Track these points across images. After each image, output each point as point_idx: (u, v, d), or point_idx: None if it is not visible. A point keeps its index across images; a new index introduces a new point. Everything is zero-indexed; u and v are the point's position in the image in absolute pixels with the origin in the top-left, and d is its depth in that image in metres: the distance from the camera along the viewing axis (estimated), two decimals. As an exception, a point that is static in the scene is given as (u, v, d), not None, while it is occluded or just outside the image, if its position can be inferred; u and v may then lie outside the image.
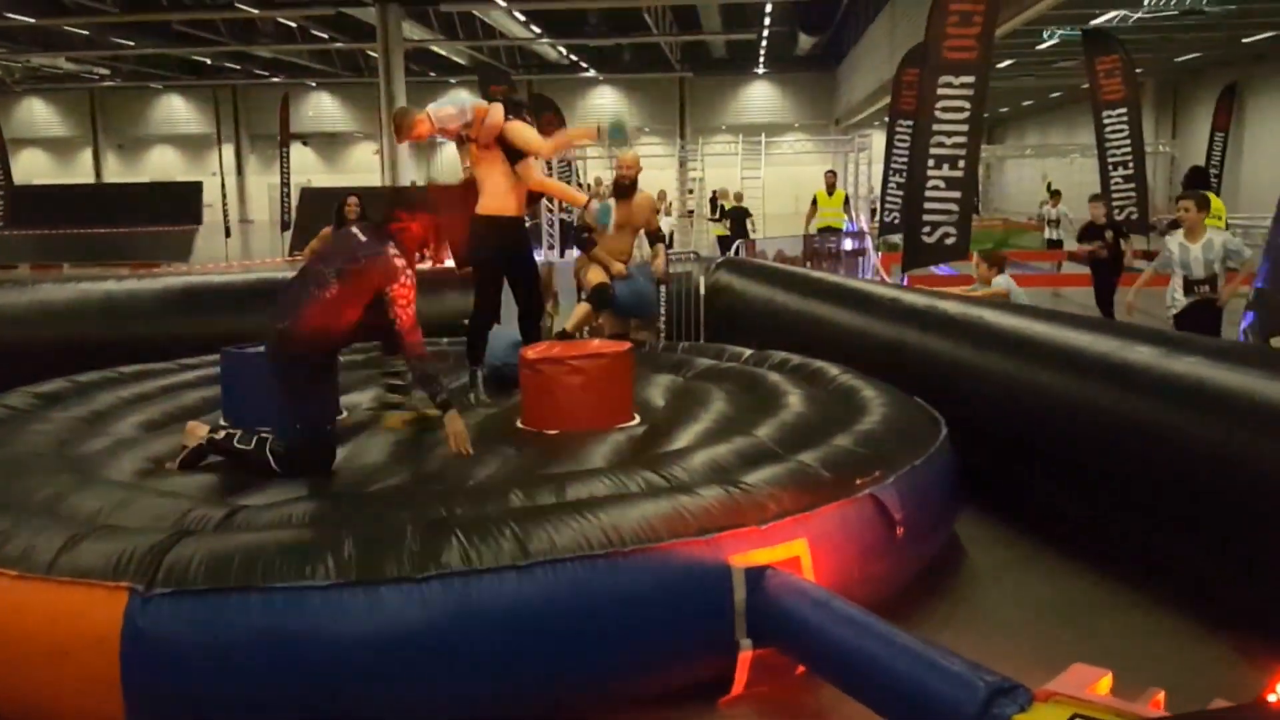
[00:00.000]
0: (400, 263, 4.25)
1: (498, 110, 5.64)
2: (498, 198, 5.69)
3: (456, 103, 5.76)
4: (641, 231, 6.97)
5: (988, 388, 5.13)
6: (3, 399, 5.25)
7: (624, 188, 6.77)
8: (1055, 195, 18.68)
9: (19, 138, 42.40)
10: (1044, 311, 5.70)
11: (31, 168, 43.94)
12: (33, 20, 25.74)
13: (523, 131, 5.65)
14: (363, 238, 4.35)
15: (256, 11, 25.71)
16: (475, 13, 27.79)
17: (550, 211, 16.16)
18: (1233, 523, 3.73)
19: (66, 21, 27.20)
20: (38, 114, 46.72)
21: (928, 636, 3.06)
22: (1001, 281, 7.07)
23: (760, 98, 44.27)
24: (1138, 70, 16.36)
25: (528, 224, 6.25)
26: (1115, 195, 15.19)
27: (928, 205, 9.31)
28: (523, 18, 28.55)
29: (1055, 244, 17.22)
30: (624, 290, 6.75)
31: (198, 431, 4.38)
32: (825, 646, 3.10)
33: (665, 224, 22.92)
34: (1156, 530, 4.19)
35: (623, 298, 6.77)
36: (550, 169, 18.16)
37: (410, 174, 33.72)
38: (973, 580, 4.45)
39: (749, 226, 17.48)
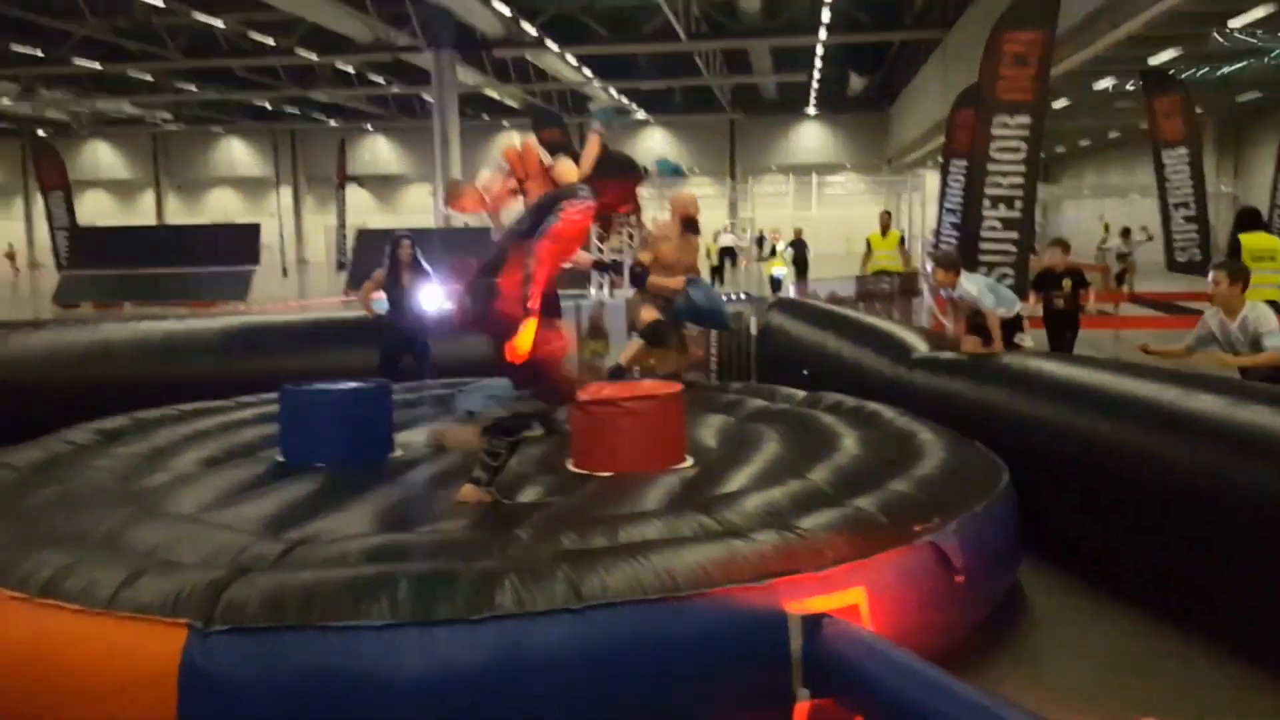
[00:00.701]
0: (585, 195, 4.33)
1: (528, 140, 5.70)
2: None
3: (491, 167, 5.86)
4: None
5: (1046, 437, 5.03)
6: (66, 434, 5.34)
7: (692, 223, 6.82)
8: (1126, 233, 18.56)
9: (84, 180, 43.60)
10: (1104, 361, 5.57)
11: (96, 209, 45.11)
12: (99, 66, 26.51)
13: (568, 166, 5.66)
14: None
15: (316, 57, 26.29)
16: (528, 57, 28.19)
17: (600, 251, 16.24)
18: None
19: (132, 67, 28.02)
20: (102, 157, 48.06)
21: (989, 688, 2.98)
22: (969, 286, 6.43)
23: (811, 138, 44.37)
24: (1198, 110, 16.15)
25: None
26: (1177, 237, 14.99)
27: (984, 246, 9.22)
28: (575, 62, 28.91)
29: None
30: (698, 294, 6.66)
31: (466, 438, 4.41)
32: (885, 698, 3.03)
33: (728, 239, 23.39)
34: (1224, 580, 4.07)
35: (699, 302, 6.67)
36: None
37: (462, 218, 34.12)
38: (1035, 630, 4.34)
39: (807, 256, 18.18)
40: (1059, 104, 24.87)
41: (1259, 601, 3.90)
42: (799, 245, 18.69)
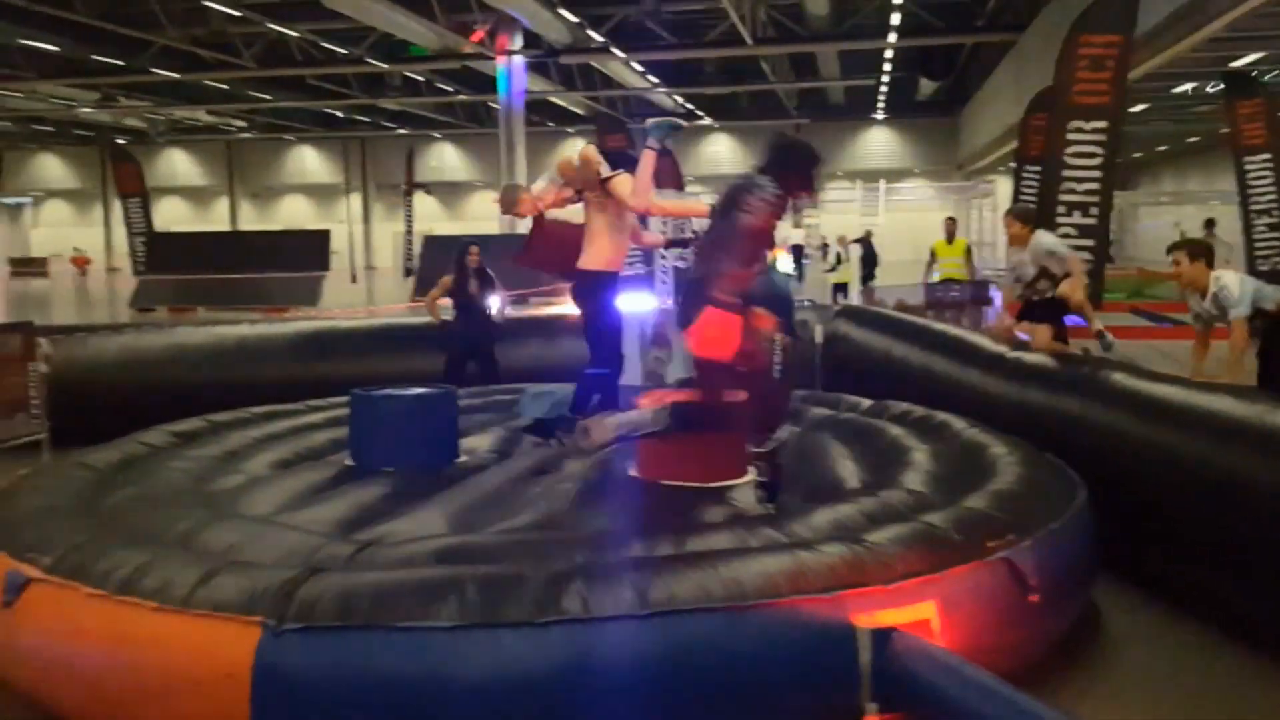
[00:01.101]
0: (767, 187, 4.33)
1: (587, 150, 5.66)
2: (605, 251, 5.66)
3: (545, 178, 5.84)
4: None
5: (1125, 452, 4.89)
6: (142, 437, 5.46)
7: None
8: (1209, 225, 18.11)
9: (160, 186, 44.69)
10: (1185, 377, 5.36)
11: (171, 215, 46.20)
12: (177, 75, 27.16)
13: (625, 181, 5.62)
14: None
15: (386, 66, 26.66)
16: (594, 64, 28.31)
17: (664, 259, 16.21)
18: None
19: (207, 77, 28.64)
20: (178, 164, 49.22)
21: (1064, 707, 2.90)
22: (1045, 239, 6.33)
23: (879, 143, 43.92)
24: (1281, 114, 15.71)
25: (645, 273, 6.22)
26: (1259, 246, 14.57)
27: (1064, 252, 9.06)
28: (640, 68, 28.97)
29: None
30: (776, 276, 6.55)
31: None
32: (956, 716, 2.96)
33: (797, 235, 23.34)
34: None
35: (778, 284, 6.55)
36: (665, 222, 18.31)
37: (527, 222, 34.35)
38: (1111, 648, 4.22)
39: (876, 253, 17.87)
40: (1136, 108, 24.37)
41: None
42: (867, 244, 18.41)
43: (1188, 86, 21.92)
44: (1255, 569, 4.11)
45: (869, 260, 18.11)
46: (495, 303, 8.26)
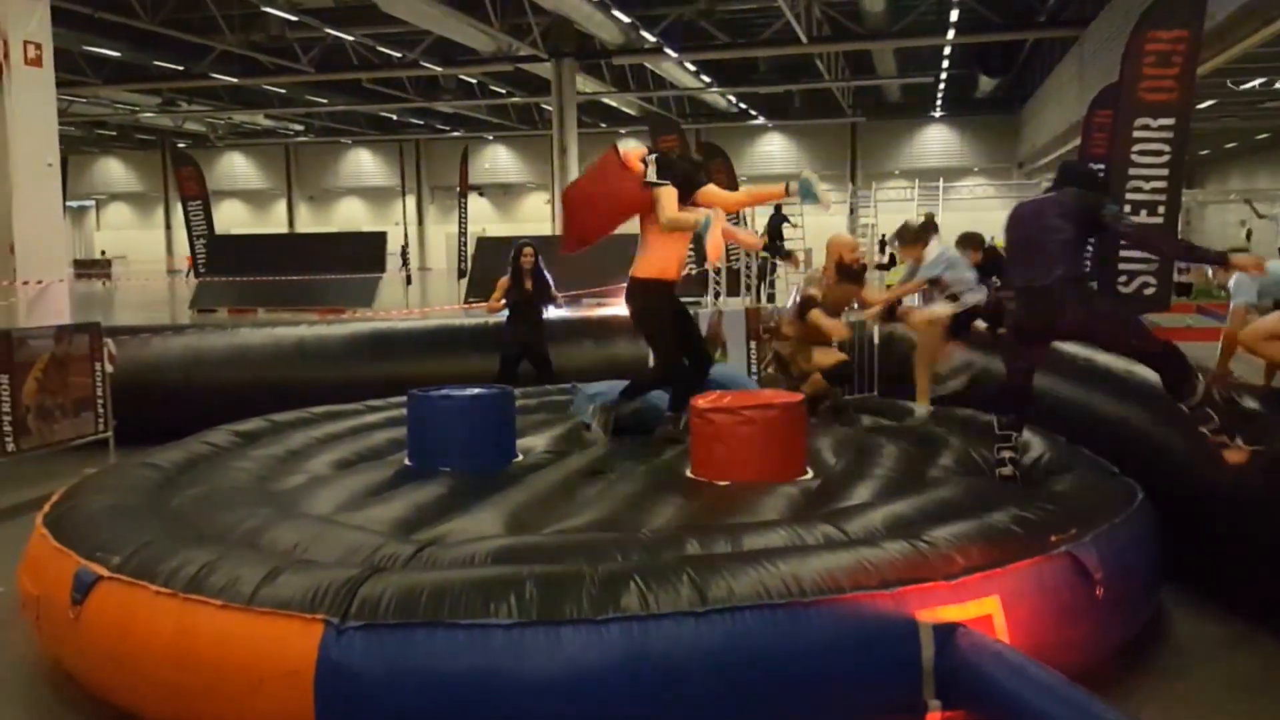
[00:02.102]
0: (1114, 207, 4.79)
1: (629, 153, 5.62)
2: (662, 258, 5.61)
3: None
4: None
5: (1190, 462, 4.75)
6: (206, 437, 5.54)
7: (852, 273, 6.69)
8: None
9: (220, 189, 45.44)
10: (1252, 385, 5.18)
11: (231, 217, 46.94)
12: (236, 80, 27.60)
13: (716, 194, 5.61)
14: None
15: (440, 69, 26.86)
16: (646, 64, 28.29)
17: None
18: None
19: (266, 81, 29.06)
20: (238, 167, 50.00)
21: (1131, 711, 2.83)
22: (934, 251, 6.32)
23: (936, 141, 43.33)
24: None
25: (696, 273, 6.19)
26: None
27: (1123, 254, 8.85)
28: (693, 68, 28.89)
29: None
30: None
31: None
32: (1020, 714, 2.91)
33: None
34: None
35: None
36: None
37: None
38: (1179, 656, 4.12)
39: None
40: (1203, 104, 23.81)
41: None
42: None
43: (1257, 82, 21.38)
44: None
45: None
46: (550, 303, 8.28)
